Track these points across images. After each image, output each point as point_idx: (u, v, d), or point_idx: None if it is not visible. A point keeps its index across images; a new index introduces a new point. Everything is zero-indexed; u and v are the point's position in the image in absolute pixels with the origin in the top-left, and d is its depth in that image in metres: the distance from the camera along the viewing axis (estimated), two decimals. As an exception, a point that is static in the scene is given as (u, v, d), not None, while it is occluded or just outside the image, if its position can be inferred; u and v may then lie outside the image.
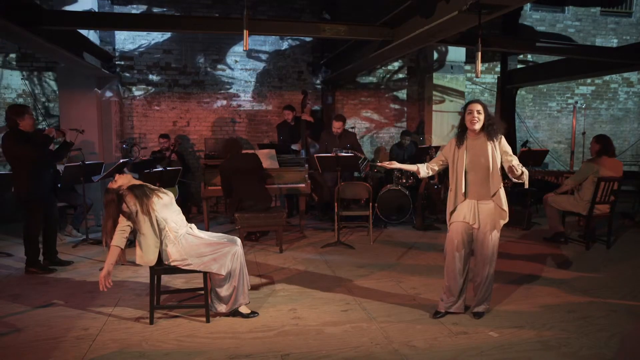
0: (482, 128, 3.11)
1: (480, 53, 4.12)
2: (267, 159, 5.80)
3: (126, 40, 7.39)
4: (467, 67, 8.47)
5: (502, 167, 3.14)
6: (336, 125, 6.35)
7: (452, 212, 3.23)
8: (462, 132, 3.17)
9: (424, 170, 3.42)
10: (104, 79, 7.00)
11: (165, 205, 3.13)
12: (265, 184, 5.43)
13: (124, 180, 3.13)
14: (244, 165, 5.09)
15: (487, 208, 3.15)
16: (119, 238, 3.04)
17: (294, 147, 6.99)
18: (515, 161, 3.07)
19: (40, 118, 7.13)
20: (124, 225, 3.05)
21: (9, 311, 3.46)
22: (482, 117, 3.09)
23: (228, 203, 5.66)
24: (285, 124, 7.19)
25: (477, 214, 3.15)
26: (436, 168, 3.41)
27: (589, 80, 9.57)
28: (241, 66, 7.89)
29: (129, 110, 7.53)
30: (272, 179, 5.79)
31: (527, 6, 8.93)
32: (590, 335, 2.99)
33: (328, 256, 4.97)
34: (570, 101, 9.52)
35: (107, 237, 3.05)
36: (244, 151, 5.28)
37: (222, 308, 3.28)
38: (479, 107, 3.10)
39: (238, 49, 7.80)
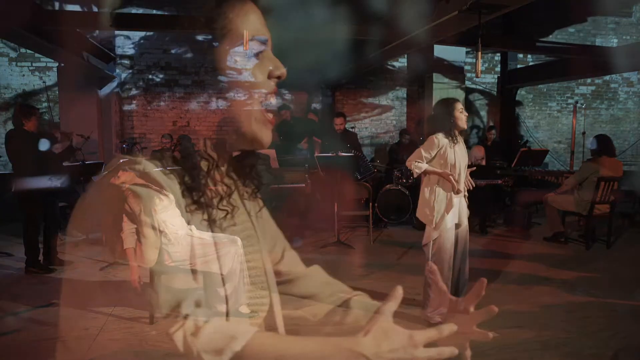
0: None
1: (480, 53, 4.12)
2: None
3: (126, 40, 7.39)
4: (467, 67, 8.46)
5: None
6: (337, 122, 6.32)
7: (441, 212, 3.17)
8: (451, 130, 3.17)
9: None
10: (104, 79, 6.99)
11: (166, 207, 3.13)
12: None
13: (126, 177, 3.13)
14: None
15: (464, 204, 3.24)
16: (131, 239, 3.03)
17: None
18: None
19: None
20: (131, 226, 3.05)
21: (9, 311, 3.46)
22: None
23: None
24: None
25: (460, 212, 3.21)
26: None
27: (589, 80, 9.55)
28: (241, 66, 7.87)
29: (129, 110, 7.53)
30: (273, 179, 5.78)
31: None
32: (591, 335, 2.99)
33: (328, 256, 4.96)
34: (570, 101, 9.51)
35: (106, 235, 3.05)
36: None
37: (222, 308, 3.28)
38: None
39: (238, 48, 7.78)
